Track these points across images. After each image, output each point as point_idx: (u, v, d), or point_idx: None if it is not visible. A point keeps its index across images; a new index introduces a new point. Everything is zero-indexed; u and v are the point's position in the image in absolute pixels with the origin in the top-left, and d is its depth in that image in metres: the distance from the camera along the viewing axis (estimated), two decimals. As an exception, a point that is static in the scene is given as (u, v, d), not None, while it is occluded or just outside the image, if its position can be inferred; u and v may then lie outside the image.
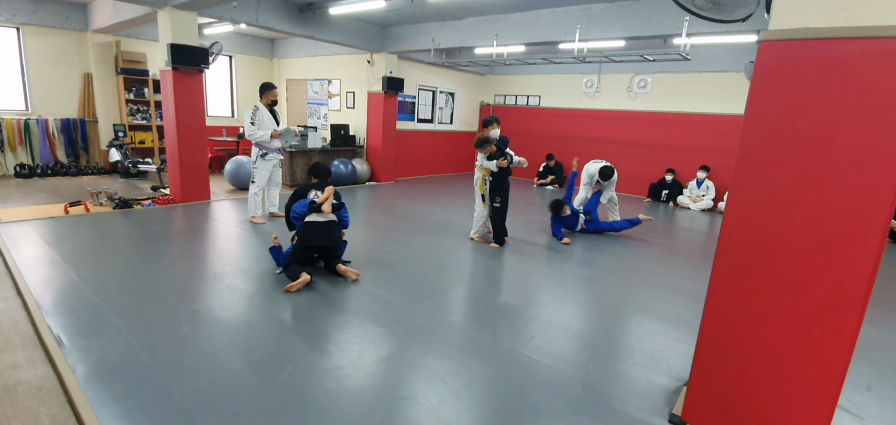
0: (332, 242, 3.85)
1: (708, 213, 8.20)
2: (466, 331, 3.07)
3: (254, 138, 5.44)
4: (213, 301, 3.34)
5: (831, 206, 1.73)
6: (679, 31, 5.44)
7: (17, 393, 2.22)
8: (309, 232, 3.76)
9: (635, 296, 3.99)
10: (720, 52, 8.14)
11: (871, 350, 3.12)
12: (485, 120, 5.21)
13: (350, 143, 9.11)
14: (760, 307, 1.93)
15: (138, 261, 4.12)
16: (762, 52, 1.82)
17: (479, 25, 7.26)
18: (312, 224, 3.78)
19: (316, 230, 3.78)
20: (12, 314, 3.00)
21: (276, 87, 5.64)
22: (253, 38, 10.36)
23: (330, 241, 3.83)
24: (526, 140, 11.16)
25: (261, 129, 5.40)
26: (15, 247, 4.16)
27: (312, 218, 3.80)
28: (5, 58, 7.71)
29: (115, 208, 5.80)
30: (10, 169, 7.81)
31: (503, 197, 5.06)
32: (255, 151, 5.55)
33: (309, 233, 3.76)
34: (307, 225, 3.78)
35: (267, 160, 5.58)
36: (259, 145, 5.51)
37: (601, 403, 2.38)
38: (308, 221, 3.79)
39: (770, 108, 1.83)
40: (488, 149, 4.98)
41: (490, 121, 5.21)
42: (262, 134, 5.42)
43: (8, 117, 7.68)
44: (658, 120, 9.21)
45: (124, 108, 8.58)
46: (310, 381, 2.41)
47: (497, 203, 5.06)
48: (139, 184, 7.69)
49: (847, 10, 1.65)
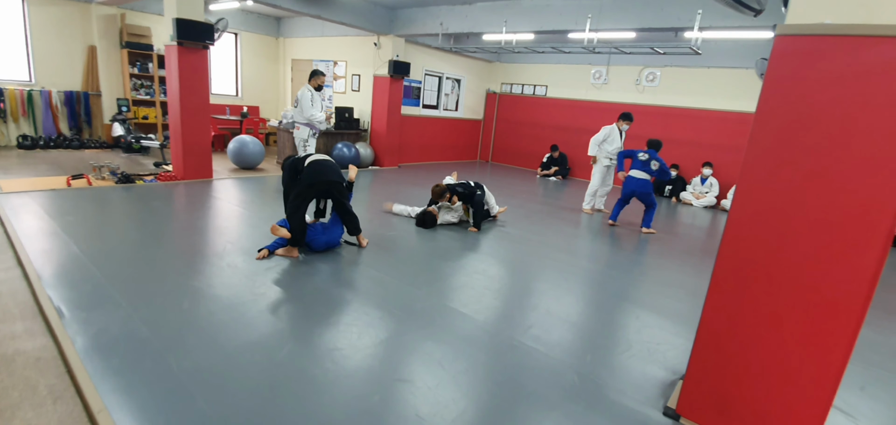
0: (339, 177, 3.85)
1: (711, 210, 8.17)
2: (465, 317, 3.07)
3: (313, 119, 6.20)
4: (214, 278, 3.35)
5: (838, 206, 1.71)
6: (691, 24, 5.37)
7: (15, 363, 2.23)
8: (316, 170, 3.72)
9: (635, 288, 3.98)
10: (731, 48, 8.04)
11: (867, 350, 3.12)
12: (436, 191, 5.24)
13: (354, 127, 9.07)
14: (762, 304, 1.92)
15: (139, 236, 4.12)
16: (778, 46, 1.79)
17: (488, 11, 7.17)
18: (317, 162, 3.76)
19: (321, 167, 3.75)
20: (12, 284, 3.01)
21: (324, 73, 6.35)
22: (259, 16, 10.26)
23: (337, 175, 3.84)
24: (531, 130, 11.11)
25: (317, 111, 6.22)
26: (16, 217, 4.17)
27: (315, 158, 3.79)
28: (9, 28, 7.66)
29: (117, 183, 5.80)
30: (13, 139, 7.80)
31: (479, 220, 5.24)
32: (306, 130, 6.24)
33: (316, 170, 3.72)
34: (313, 163, 3.75)
35: (315, 137, 6.37)
36: (309, 124, 6.23)
37: (597, 393, 2.39)
38: (313, 160, 3.78)
39: (783, 104, 1.80)
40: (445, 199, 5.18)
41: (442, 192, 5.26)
42: (320, 115, 6.24)
43: (11, 87, 7.65)
44: (665, 114, 9.12)
45: (128, 83, 8.54)
46: (308, 361, 2.42)
47: None
48: (141, 159, 7.68)
49: (865, 7, 1.62)
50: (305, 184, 3.70)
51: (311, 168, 3.74)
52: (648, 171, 5.68)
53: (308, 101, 6.11)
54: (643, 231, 5.81)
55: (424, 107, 10.47)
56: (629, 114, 6.39)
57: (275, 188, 6.49)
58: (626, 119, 6.38)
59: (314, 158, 3.77)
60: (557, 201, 7.59)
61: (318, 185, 3.76)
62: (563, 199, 7.80)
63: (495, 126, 11.87)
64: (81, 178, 5.75)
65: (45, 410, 1.94)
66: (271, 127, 9.73)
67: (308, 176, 3.72)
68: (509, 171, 10.59)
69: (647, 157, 5.70)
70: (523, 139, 11.29)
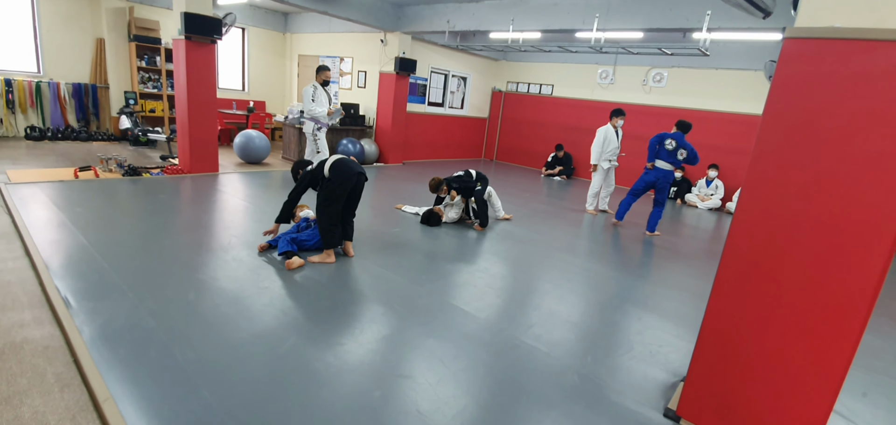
0: (361, 167, 3.83)
1: (715, 213, 8.13)
2: (467, 315, 3.08)
3: (313, 114, 6.25)
4: (219, 271, 3.38)
5: (844, 210, 1.71)
6: (700, 25, 5.33)
7: (23, 350, 2.26)
8: (344, 167, 3.65)
9: (637, 290, 3.98)
10: (740, 49, 7.98)
11: (869, 356, 3.10)
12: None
13: (359, 123, 9.09)
14: (765, 307, 1.92)
15: (146, 228, 4.16)
16: (786, 49, 1.78)
17: (495, 9, 7.16)
18: (339, 160, 3.70)
19: (346, 164, 3.69)
20: (20, 273, 3.05)
21: (329, 68, 6.46)
22: (266, 11, 10.29)
23: (360, 167, 3.81)
24: (536, 129, 11.08)
25: (319, 106, 6.24)
26: (25, 208, 4.21)
27: (334, 159, 3.71)
28: (18, 19, 7.72)
29: (124, 175, 5.85)
30: (21, 130, 7.87)
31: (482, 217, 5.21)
32: (312, 125, 6.32)
33: (344, 168, 3.65)
34: (336, 163, 3.67)
35: (322, 132, 6.41)
36: (315, 119, 6.29)
37: (597, 393, 2.39)
38: (334, 162, 3.69)
39: (790, 106, 1.80)
40: (444, 192, 5.18)
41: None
42: (320, 110, 6.26)
43: (20, 78, 7.72)
44: (672, 115, 9.04)
45: (136, 76, 8.60)
46: (311, 355, 2.44)
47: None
48: (148, 152, 7.74)
49: (875, 11, 1.61)
50: (339, 183, 3.63)
51: (336, 168, 3.66)
52: (675, 162, 5.56)
53: (309, 96, 6.22)
54: (647, 234, 5.80)
55: (430, 105, 10.47)
56: (621, 110, 6.41)
57: (280, 182, 6.52)
58: (619, 115, 6.38)
59: (334, 159, 3.71)
60: (561, 201, 7.58)
61: (353, 178, 3.69)
62: (567, 199, 7.78)
63: (501, 124, 11.85)
64: (89, 170, 5.80)
65: (52, 397, 1.97)
66: (277, 122, 9.76)
67: (340, 175, 3.64)
68: (514, 170, 10.58)
69: (674, 145, 5.52)
70: (528, 138, 11.27)
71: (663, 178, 5.63)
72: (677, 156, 5.53)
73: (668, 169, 5.61)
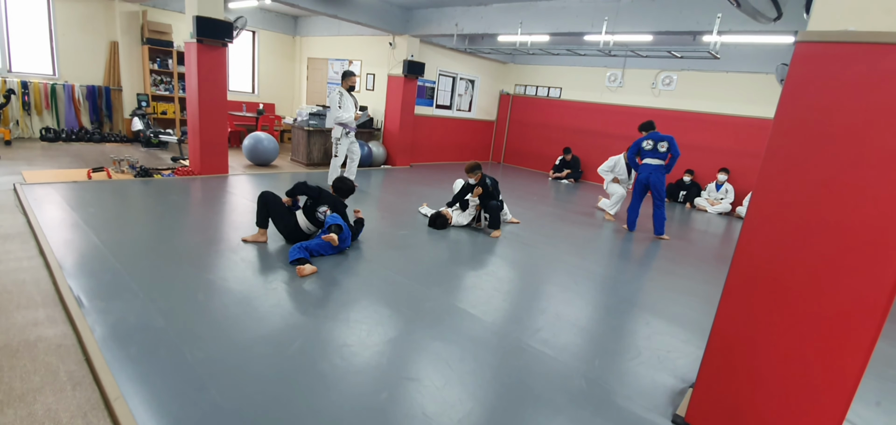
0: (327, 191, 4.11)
1: (725, 217, 8.04)
2: (474, 318, 3.08)
3: (341, 119, 6.32)
4: (228, 272, 3.41)
5: (857, 215, 1.68)
6: (710, 28, 5.29)
7: (37, 348, 2.30)
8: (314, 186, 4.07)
9: (645, 294, 3.94)
10: (750, 52, 7.90)
11: (884, 365, 3.05)
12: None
13: (367, 125, 9.13)
14: (776, 313, 1.89)
15: (157, 228, 4.21)
16: (799, 52, 1.77)
17: (504, 12, 7.16)
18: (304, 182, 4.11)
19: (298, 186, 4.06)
20: (35, 273, 3.10)
21: (355, 74, 6.55)
22: (276, 15, 10.39)
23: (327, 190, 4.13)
24: (544, 132, 11.05)
25: (346, 112, 6.31)
26: (39, 208, 4.29)
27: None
28: (35, 23, 7.88)
29: (136, 176, 5.93)
30: (36, 132, 8.02)
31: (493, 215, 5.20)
32: (339, 130, 6.39)
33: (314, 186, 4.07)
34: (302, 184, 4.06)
35: (348, 137, 6.50)
36: (343, 124, 6.37)
37: (604, 399, 2.38)
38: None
39: (802, 110, 1.78)
40: (476, 177, 5.17)
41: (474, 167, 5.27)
42: (348, 115, 6.32)
43: (36, 81, 7.86)
44: (681, 118, 9.00)
45: (148, 78, 8.72)
46: (319, 356, 2.45)
47: None
48: (160, 153, 7.84)
49: (890, 14, 1.58)
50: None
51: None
52: (660, 156, 5.60)
53: (336, 102, 6.31)
54: (655, 237, 5.75)
55: (438, 108, 10.49)
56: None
57: (288, 184, 6.51)
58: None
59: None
60: (569, 204, 7.55)
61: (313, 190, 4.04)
62: (575, 203, 7.75)
63: (508, 127, 11.84)
64: (102, 171, 5.88)
65: (64, 395, 2.00)
66: (286, 124, 9.84)
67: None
68: (521, 173, 10.56)
69: (652, 144, 5.62)
70: (536, 141, 11.24)
71: (654, 175, 5.61)
72: (658, 150, 5.59)
73: (657, 163, 5.61)
